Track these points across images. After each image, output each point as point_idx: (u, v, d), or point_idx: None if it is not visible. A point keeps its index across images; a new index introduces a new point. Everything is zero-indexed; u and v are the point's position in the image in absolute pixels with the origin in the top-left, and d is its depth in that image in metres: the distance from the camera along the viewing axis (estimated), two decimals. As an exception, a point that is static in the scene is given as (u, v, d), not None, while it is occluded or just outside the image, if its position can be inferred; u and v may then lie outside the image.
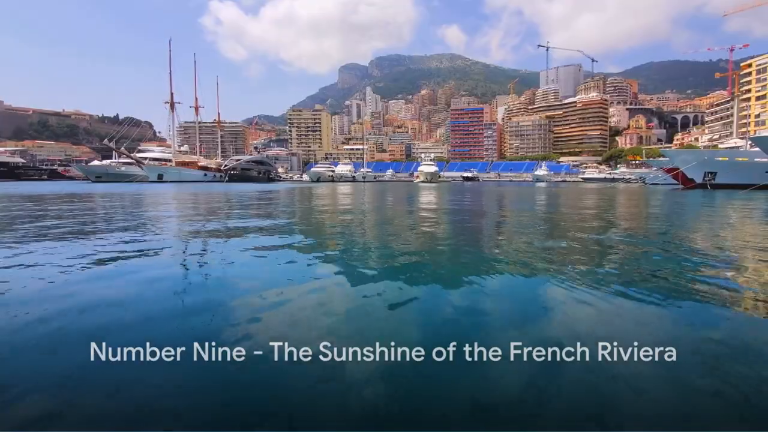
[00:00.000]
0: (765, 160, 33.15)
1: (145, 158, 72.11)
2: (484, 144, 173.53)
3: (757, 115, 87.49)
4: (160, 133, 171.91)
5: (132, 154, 71.89)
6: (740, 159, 37.07)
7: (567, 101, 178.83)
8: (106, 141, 72.16)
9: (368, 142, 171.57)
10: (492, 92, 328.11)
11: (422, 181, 77.23)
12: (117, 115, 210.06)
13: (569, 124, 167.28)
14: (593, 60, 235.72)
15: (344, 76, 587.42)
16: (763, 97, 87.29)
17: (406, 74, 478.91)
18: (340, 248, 5.62)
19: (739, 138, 56.57)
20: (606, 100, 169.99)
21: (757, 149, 33.44)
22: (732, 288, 3.51)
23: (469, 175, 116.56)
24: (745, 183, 33.70)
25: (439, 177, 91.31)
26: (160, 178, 69.43)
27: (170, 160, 74.06)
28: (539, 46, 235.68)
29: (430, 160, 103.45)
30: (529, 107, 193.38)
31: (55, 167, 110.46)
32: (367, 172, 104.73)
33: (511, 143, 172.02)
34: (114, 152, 74.37)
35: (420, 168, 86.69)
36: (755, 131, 73.00)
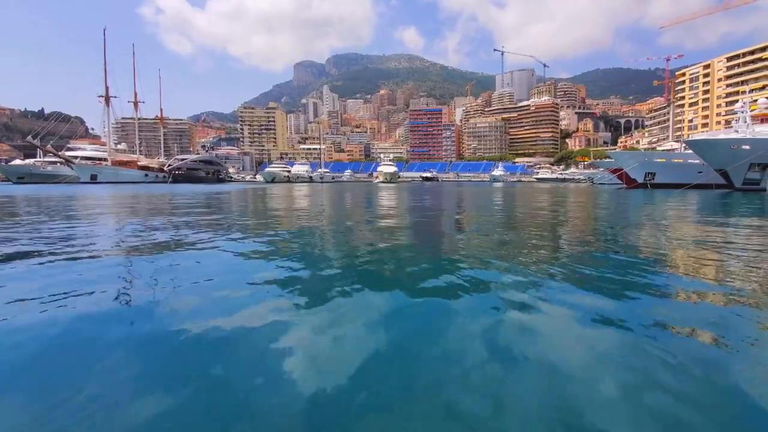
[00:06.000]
0: (697, 161, 34.97)
1: (76, 157, 65.49)
2: (443, 144, 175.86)
3: (690, 120, 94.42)
4: (93, 129, 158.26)
5: (60, 153, 65.06)
6: (676, 160, 39.07)
7: (521, 104, 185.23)
8: (29, 138, 64.85)
9: (326, 141, 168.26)
10: (450, 94, 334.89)
11: (382, 182, 76.28)
12: (42, 109, 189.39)
13: (523, 126, 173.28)
14: (545, 65, 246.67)
15: (300, 74, 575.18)
16: (695, 103, 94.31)
17: (364, 73, 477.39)
18: (298, 255, 4.97)
19: (675, 141, 60.25)
20: (557, 103, 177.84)
21: (690, 151, 35.18)
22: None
23: (429, 175, 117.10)
24: (680, 182, 35.54)
25: (399, 177, 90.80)
26: (94, 179, 63.38)
27: (105, 159, 67.79)
28: (495, 50, 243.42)
29: (390, 160, 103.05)
30: (486, 109, 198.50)
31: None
32: (325, 172, 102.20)
33: (469, 144, 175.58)
34: (39, 150, 67.19)
35: (379, 168, 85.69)
36: (688, 135, 78.47)
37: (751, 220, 9.36)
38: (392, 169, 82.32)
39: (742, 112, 34.19)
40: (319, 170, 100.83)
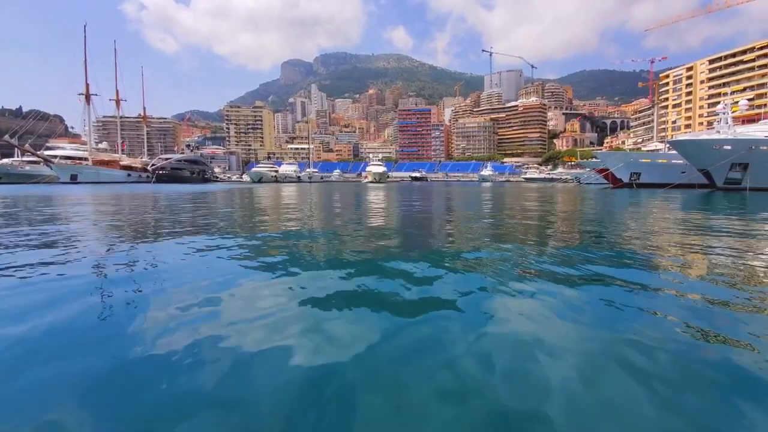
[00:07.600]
0: (681, 161, 35.47)
1: (55, 156, 63.64)
2: (432, 144, 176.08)
3: (674, 121, 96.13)
4: (73, 128, 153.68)
5: (39, 152, 63.16)
6: (660, 161, 39.62)
7: (509, 105, 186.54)
8: (7, 137, 62.82)
9: (314, 141, 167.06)
10: (439, 94, 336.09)
11: (371, 182, 75.89)
12: (20, 107, 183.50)
13: (512, 126, 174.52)
14: (533, 66, 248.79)
15: (287, 72, 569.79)
16: (679, 105, 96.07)
17: (353, 73, 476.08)
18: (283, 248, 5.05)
19: (659, 141, 61.25)
20: (545, 104, 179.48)
21: (674, 152, 35.68)
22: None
23: (418, 175, 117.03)
24: (664, 182, 35.95)
25: (388, 177, 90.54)
26: (74, 179, 61.65)
27: (86, 159, 66.03)
28: (483, 50, 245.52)
29: (378, 160, 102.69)
30: (475, 109, 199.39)
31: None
32: (314, 172, 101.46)
33: (458, 144, 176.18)
34: (16, 149, 65.17)
35: (368, 168, 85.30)
36: (672, 135, 79.88)
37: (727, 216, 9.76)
38: (381, 169, 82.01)
39: (724, 114, 34.78)
40: (308, 170, 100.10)
